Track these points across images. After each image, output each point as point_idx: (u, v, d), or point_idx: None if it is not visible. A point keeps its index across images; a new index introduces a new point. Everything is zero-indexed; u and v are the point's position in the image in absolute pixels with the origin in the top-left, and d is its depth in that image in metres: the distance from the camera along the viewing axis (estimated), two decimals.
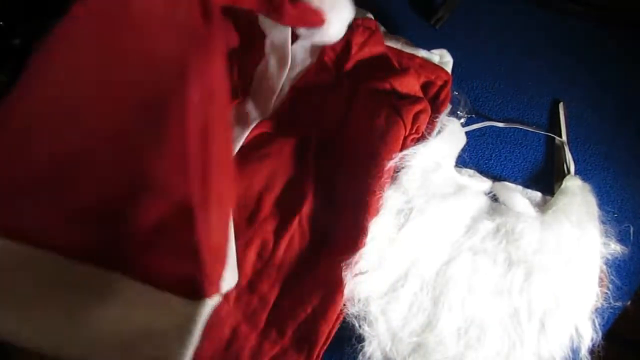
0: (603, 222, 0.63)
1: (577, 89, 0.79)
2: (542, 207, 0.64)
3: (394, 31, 0.79)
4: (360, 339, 0.59)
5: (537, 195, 0.65)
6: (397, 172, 0.63)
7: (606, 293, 0.60)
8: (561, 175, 0.70)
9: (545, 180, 0.70)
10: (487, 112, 0.76)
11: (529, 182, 0.71)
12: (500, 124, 0.74)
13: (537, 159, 0.73)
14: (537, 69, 0.81)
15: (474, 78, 0.79)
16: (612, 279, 0.61)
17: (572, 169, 0.70)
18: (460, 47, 0.80)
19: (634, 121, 0.77)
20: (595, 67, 0.81)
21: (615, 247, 0.61)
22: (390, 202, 0.62)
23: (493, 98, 0.78)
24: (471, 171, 0.68)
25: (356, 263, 0.59)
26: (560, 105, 0.76)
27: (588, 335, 0.58)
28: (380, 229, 0.62)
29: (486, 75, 0.79)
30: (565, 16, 0.84)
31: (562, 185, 0.65)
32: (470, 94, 0.77)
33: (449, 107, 0.71)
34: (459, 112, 0.72)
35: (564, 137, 0.73)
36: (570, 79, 0.80)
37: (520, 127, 0.74)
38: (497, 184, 0.66)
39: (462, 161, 0.71)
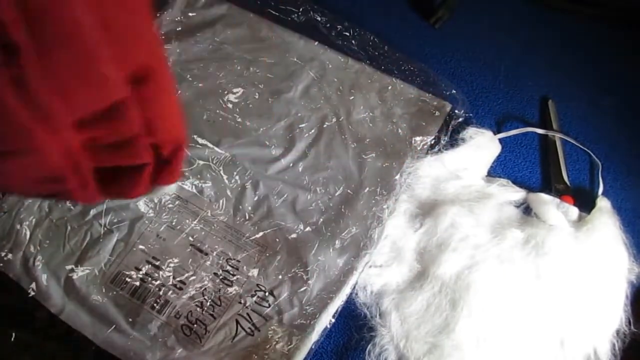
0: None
1: (576, 89, 0.79)
2: (576, 223, 0.62)
3: (393, 31, 0.81)
4: (372, 330, 0.59)
5: (574, 210, 0.63)
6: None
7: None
8: (558, 175, 0.69)
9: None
10: (486, 111, 0.76)
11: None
12: (540, 131, 0.73)
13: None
14: (537, 69, 0.81)
15: (473, 78, 0.80)
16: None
17: (564, 169, 0.70)
18: (460, 47, 0.82)
19: (634, 121, 0.77)
20: (595, 67, 0.81)
21: None
22: (404, 205, 0.65)
23: (493, 98, 0.78)
24: (504, 181, 0.67)
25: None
26: (550, 103, 0.76)
27: (606, 358, 0.57)
28: (394, 228, 0.63)
29: (486, 75, 0.80)
30: (564, 15, 0.85)
31: (597, 205, 0.64)
32: (470, 93, 0.77)
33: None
34: (456, 111, 0.72)
35: (557, 135, 0.72)
36: (570, 79, 0.80)
37: (562, 137, 0.72)
38: (532, 194, 0.65)
39: (495, 170, 0.70)
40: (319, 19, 0.77)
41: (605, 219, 0.61)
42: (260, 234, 0.64)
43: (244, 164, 0.68)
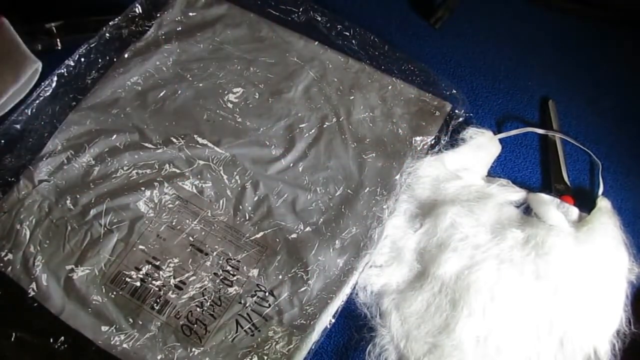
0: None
1: (576, 89, 0.79)
2: (576, 223, 0.62)
3: (393, 31, 0.82)
4: (372, 330, 0.59)
5: (574, 210, 0.63)
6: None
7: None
8: (558, 175, 0.69)
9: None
10: (487, 111, 0.76)
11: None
12: (540, 131, 0.73)
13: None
14: (537, 69, 0.81)
15: (474, 78, 0.80)
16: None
17: (564, 169, 0.70)
18: (460, 47, 0.82)
19: (634, 121, 0.77)
20: (594, 67, 0.82)
21: None
22: (404, 205, 0.65)
23: (493, 98, 0.78)
24: (504, 181, 0.67)
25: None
26: (550, 103, 0.76)
27: (606, 358, 0.57)
28: (394, 228, 0.63)
29: (486, 75, 0.80)
30: (565, 16, 0.86)
31: (597, 206, 0.64)
32: (470, 93, 0.77)
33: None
34: (456, 111, 0.72)
35: (557, 135, 0.72)
36: (570, 79, 0.80)
37: (562, 137, 0.72)
38: (532, 194, 0.65)
39: (495, 170, 0.70)
40: (319, 18, 0.77)
41: (605, 219, 0.61)
42: (260, 234, 0.64)
43: (244, 164, 0.68)
